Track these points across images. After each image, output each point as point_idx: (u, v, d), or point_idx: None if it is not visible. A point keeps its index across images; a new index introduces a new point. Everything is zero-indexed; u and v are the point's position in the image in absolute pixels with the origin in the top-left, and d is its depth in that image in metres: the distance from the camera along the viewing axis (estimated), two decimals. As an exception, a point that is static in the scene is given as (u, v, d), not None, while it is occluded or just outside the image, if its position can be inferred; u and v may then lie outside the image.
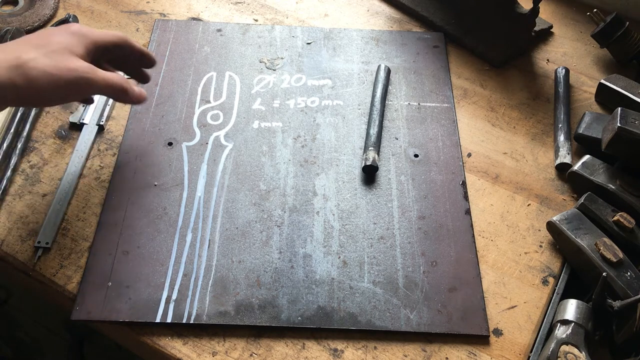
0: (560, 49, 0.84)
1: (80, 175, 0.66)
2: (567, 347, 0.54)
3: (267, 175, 0.67)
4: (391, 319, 0.58)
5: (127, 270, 0.59)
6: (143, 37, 0.80)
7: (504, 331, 0.58)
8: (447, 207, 0.66)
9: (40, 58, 0.53)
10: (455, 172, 0.69)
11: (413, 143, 0.71)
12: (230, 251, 0.61)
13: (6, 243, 0.61)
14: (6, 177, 0.64)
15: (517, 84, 0.79)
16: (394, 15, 0.87)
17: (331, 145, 0.70)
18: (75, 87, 0.55)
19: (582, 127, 0.71)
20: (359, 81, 0.77)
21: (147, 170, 0.67)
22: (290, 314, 0.57)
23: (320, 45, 0.81)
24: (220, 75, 0.76)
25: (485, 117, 0.75)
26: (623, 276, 0.57)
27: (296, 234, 0.63)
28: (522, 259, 0.63)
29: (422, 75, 0.78)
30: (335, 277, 0.60)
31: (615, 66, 0.82)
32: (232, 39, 0.80)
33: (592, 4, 0.89)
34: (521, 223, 0.66)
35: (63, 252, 0.60)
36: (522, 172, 0.70)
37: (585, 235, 0.60)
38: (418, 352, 0.56)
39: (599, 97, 0.77)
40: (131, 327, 0.56)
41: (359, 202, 0.66)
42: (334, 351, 0.56)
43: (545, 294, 0.61)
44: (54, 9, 0.81)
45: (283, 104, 0.74)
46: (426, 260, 0.62)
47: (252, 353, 0.56)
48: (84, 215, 0.63)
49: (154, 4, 0.84)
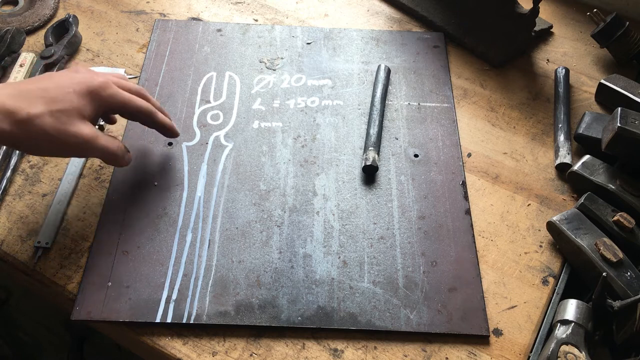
0: (560, 49, 0.84)
1: (80, 175, 0.66)
2: (567, 347, 0.54)
3: (267, 175, 0.67)
4: (391, 319, 0.58)
5: (127, 270, 0.59)
6: (143, 37, 0.80)
7: (504, 331, 0.58)
8: (447, 207, 0.66)
9: (46, 117, 0.52)
10: (455, 172, 0.69)
11: (413, 143, 0.71)
12: (230, 251, 0.61)
13: (6, 243, 0.61)
14: (6, 177, 0.64)
15: (517, 84, 0.79)
16: (394, 15, 0.87)
17: (331, 145, 0.70)
18: (73, 151, 0.55)
19: (582, 127, 0.71)
20: (359, 81, 0.77)
21: (147, 170, 0.67)
22: (290, 314, 0.57)
23: (320, 45, 0.81)
24: (220, 75, 0.76)
25: (485, 117, 0.75)
26: (623, 276, 0.57)
27: (296, 234, 0.63)
28: (522, 259, 0.63)
29: (422, 75, 0.78)
30: (335, 277, 0.60)
31: (615, 66, 0.82)
32: (232, 39, 0.80)
33: (592, 4, 0.89)
34: (521, 223, 0.66)
35: (63, 252, 0.60)
36: (522, 172, 0.70)
37: (585, 235, 0.60)
38: (418, 352, 0.56)
39: (599, 97, 0.77)
40: (131, 327, 0.56)
41: (359, 202, 0.66)
42: (334, 351, 0.56)
43: (545, 294, 0.61)
44: (54, 9, 0.81)
45: (283, 104, 0.74)
46: (426, 260, 0.62)
47: (252, 353, 0.56)
48: (84, 215, 0.63)
49: (154, 4, 0.84)
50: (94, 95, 0.55)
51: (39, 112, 0.51)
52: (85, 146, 0.54)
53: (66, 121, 0.53)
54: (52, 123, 0.52)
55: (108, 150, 0.56)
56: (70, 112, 0.53)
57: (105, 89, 0.56)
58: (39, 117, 0.51)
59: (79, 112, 0.54)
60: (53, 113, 0.52)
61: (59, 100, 0.53)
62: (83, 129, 0.54)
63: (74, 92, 0.54)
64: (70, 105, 0.53)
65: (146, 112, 0.60)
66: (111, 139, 0.57)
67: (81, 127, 0.54)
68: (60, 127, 0.52)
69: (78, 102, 0.54)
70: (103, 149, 0.56)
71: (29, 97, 0.52)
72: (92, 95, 0.55)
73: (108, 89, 0.56)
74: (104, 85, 0.56)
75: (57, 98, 0.53)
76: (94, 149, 0.55)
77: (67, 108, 0.53)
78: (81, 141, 0.54)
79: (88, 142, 0.54)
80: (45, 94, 0.52)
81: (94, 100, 0.55)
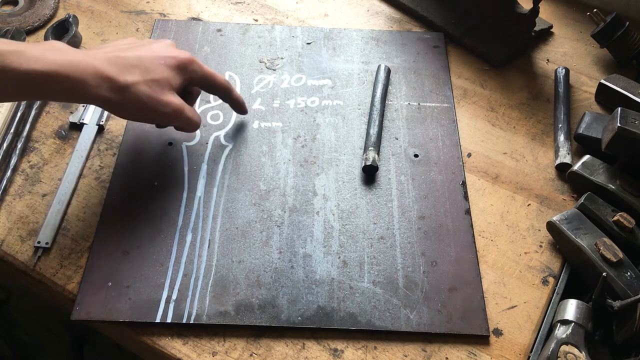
0: (560, 49, 0.84)
1: (80, 175, 0.66)
2: (567, 347, 0.54)
3: (267, 175, 0.67)
4: (391, 319, 0.58)
5: (127, 270, 0.59)
6: (143, 37, 0.80)
7: (504, 331, 0.58)
8: (447, 207, 0.66)
9: (141, 85, 0.55)
10: (455, 172, 0.69)
11: (413, 143, 0.71)
12: (230, 251, 0.61)
13: (6, 243, 0.61)
14: (6, 177, 0.64)
15: (517, 84, 0.79)
16: (394, 15, 0.87)
17: (331, 145, 0.70)
18: (162, 118, 0.59)
19: (582, 127, 0.71)
20: (359, 81, 0.77)
21: (147, 170, 0.67)
22: (290, 314, 0.57)
23: (320, 45, 0.81)
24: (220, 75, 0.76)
25: (485, 117, 0.75)
26: (623, 276, 0.57)
27: (296, 234, 0.63)
28: (522, 259, 0.63)
29: (422, 75, 0.78)
30: (335, 277, 0.60)
31: (615, 66, 0.82)
32: (232, 39, 0.80)
33: (592, 4, 0.89)
34: (521, 223, 0.66)
35: (63, 252, 0.60)
36: (522, 172, 0.70)
37: (585, 235, 0.60)
38: (418, 352, 0.56)
39: (599, 97, 0.77)
40: (131, 327, 0.56)
41: (359, 202, 0.66)
42: (334, 351, 0.56)
43: (545, 294, 0.61)
44: (54, 9, 0.81)
45: (283, 104, 0.74)
46: (426, 260, 0.62)
47: (252, 353, 0.56)
48: (84, 215, 0.63)
49: (154, 4, 0.84)
50: (182, 68, 0.59)
51: (136, 81, 0.55)
52: (173, 115, 0.58)
53: (158, 90, 0.56)
54: (146, 91, 0.55)
55: (191, 121, 0.61)
56: (162, 82, 0.57)
57: (191, 63, 0.60)
58: (135, 84, 0.55)
59: (169, 82, 0.57)
60: (147, 82, 0.56)
61: (152, 70, 0.56)
62: (173, 99, 0.58)
63: (165, 64, 0.58)
64: (162, 75, 0.57)
65: (225, 87, 0.65)
66: (193, 110, 0.61)
67: (171, 97, 0.57)
68: (154, 96, 0.56)
69: (168, 74, 0.57)
70: (188, 120, 0.60)
71: (126, 65, 0.55)
72: (180, 68, 0.59)
73: (194, 63, 0.60)
74: (190, 59, 0.60)
75: (150, 68, 0.56)
76: (180, 119, 0.59)
77: (159, 78, 0.57)
78: (170, 110, 0.58)
79: (177, 112, 0.58)
80: (140, 63, 0.56)
81: (182, 73, 0.59)
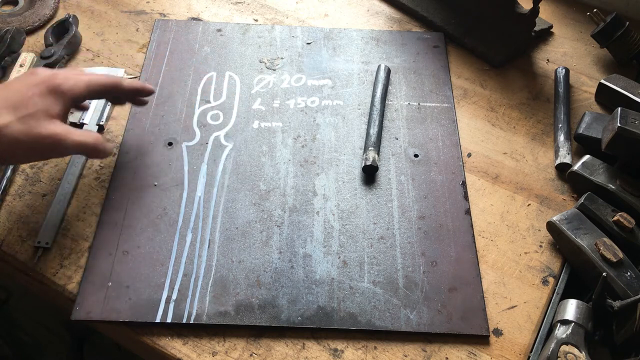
0: (560, 49, 0.84)
1: (80, 175, 0.66)
2: (567, 347, 0.54)
3: (267, 175, 0.67)
4: (391, 319, 0.58)
5: (127, 270, 0.59)
6: (143, 37, 0.80)
7: (504, 331, 0.58)
8: (447, 207, 0.66)
9: (14, 124, 0.51)
10: (455, 172, 0.69)
11: (413, 143, 0.71)
12: (230, 251, 0.61)
13: (6, 243, 0.61)
14: (6, 177, 0.64)
15: (517, 84, 0.79)
16: (394, 15, 0.87)
17: (331, 145, 0.70)
18: (49, 152, 0.55)
19: (582, 127, 0.71)
20: (359, 81, 0.77)
21: (147, 170, 0.67)
22: (290, 314, 0.57)
23: (320, 45, 0.81)
24: (220, 75, 0.76)
25: (485, 117, 0.75)
26: (623, 276, 0.57)
27: (296, 234, 0.63)
28: (522, 259, 0.63)
29: (422, 75, 0.78)
30: (335, 277, 0.60)
31: (615, 66, 0.82)
32: (232, 39, 0.80)
33: (592, 4, 0.89)
34: (521, 223, 0.66)
35: (63, 252, 0.60)
36: (522, 172, 0.70)
37: (585, 235, 0.60)
38: (418, 352, 0.56)
39: (599, 97, 0.77)
40: (131, 327, 0.56)
41: (359, 202, 0.66)
42: (334, 351, 0.56)
43: (545, 294, 0.61)
44: (54, 9, 0.81)
45: (283, 104, 0.74)
46: (426, 260, 0.62)
47: (252, 353, 0.56)
48: (84, 215, 0.63)
49: (154, 4, 0.84)
50: (56, 91, 0.54)
51: (7, 122, 0.51)
52: (60, 144, 0.54)
53: (35, 124, 0.52)
54: (21, 129, 0.51)
55: (84, 144, 0.55)
56: (37, 115, 0.52)
57: (65, 82, 0.55)
58: (7, 126, 0.51)
59: (46, 112, 0.53)
60: (21, 119, 0.52)
61: (23, 105, 0.52)
62: (53, 128, 0.53)
63: (34, 94, 0.53)
64: (35, 107, 0.53)
65: (112, 84, 0.59)
66: (86, 132, 0.56)
67: (51, 127, 0.53)
68: (31, 132, 0.52)
69: (42, 103, 0.53)
70: (79, 144, 0.55)
71: None
72: (55, 93, 0.54)
73: (68, 81, 0.55)
74: (63, 79, 0.55)
75: (20, 104, 0.52)
76: (70, 145, 0.54)
77: (33, 111, 0.52)
78: (54, 140, 0.53)
79: (62, 140, 0.53)
80: (8, 103, 0.52)
81: (58, 97, 0.54)
